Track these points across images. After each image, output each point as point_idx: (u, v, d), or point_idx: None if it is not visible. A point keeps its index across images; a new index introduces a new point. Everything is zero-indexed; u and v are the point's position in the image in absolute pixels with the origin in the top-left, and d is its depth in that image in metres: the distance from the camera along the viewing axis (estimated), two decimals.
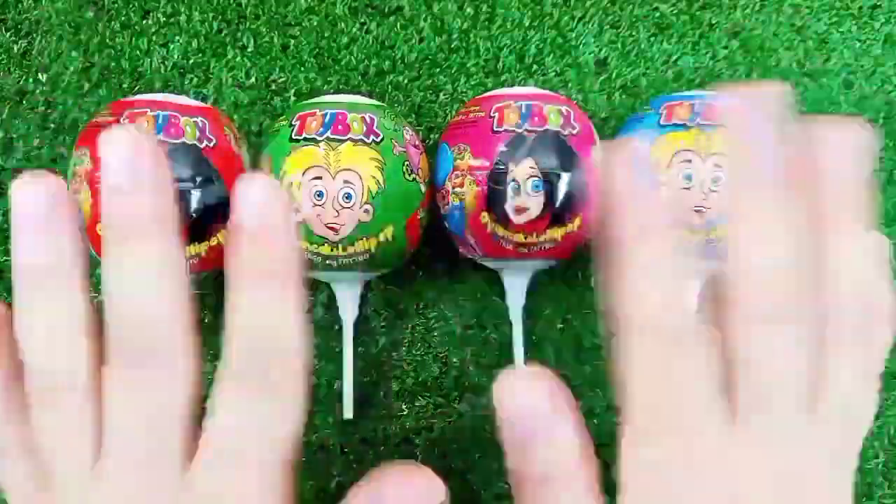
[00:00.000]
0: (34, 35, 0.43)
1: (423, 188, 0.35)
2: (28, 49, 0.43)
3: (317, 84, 0.43)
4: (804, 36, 0.45)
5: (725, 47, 0.44)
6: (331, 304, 0.39)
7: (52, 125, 0.41)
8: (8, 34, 0.43)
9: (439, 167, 0.36)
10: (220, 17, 0.44)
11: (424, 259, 0.40)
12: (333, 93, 0.43)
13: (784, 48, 0.45)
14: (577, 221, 0.34)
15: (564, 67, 0.44)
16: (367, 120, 0.33)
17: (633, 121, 0.37)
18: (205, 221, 0.33)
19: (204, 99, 0.42)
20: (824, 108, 0.43)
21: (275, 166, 0.34)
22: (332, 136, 0.33)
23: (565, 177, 0.33)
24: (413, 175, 0.34)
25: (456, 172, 0.34)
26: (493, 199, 0.33)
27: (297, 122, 0.34)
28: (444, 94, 0.43)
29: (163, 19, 0.44)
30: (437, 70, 0.43)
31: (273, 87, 0.43)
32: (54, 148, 0.41)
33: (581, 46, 0.44)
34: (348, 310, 0.37)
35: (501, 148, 0.33)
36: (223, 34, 0.43)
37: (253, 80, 0.43)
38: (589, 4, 0.45)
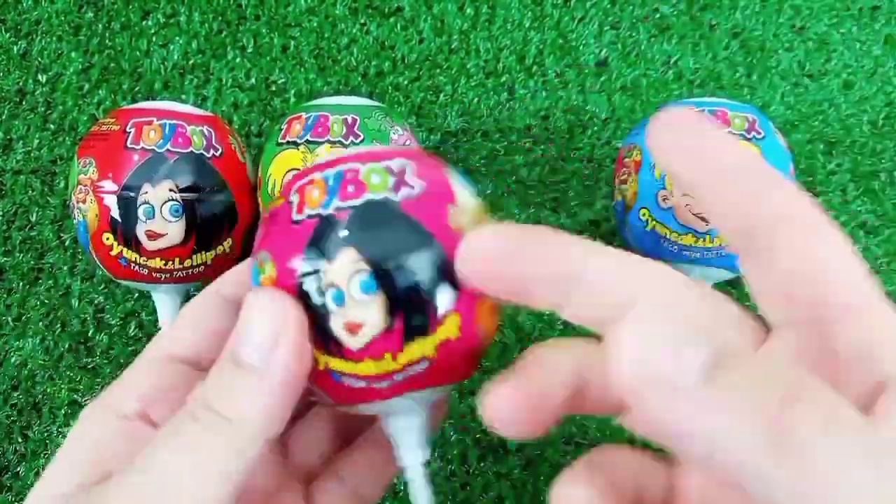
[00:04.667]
0: (34, 35, 0.43)
1: None
2: (28, 49, 0.43)
3: (317, 85, 0.43)
4: (804, 36, 0.45)
5: (726, 48, 0.44)
6: None
7: (52, 125, 0.41)
8: (8, 34, 0.43)
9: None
10: (220, 17, 0.44)
11: None
12: (334, 94, 0.43)
13: (784, 49, 0.45)
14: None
15: (564, 68, 0.44)
16: (349, 121, 0.33)
17: (640, 127, 0.37)
18: (212, 231, 0.33)
19: (204, 99, 0.42)
20: (824, 109, 0.43)
21: (263, 169, 0.34)
22: (310, 139, 0.33)
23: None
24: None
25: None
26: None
27: (285, 126, 0.34)
28: (444, 95, 0.43)
29: (163, 20, 0.44)
30: (438, 70, 0.43)
31: (273, 87, 0.43)
32: (54, 148, 0.41)
33: (581, 47, 0.44)
34: None
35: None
36: (223, 35, 0.43)
37: (253, 80, 0.43)
38: (589, 5, 0.45)
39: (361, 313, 0.18)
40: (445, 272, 0.18)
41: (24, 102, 0.42)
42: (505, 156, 0.42)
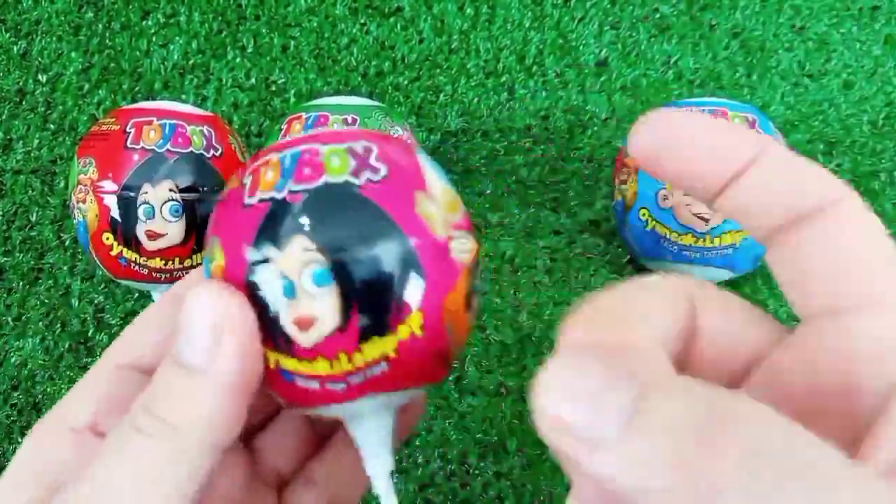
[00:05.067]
0: (34, 35, 0.43)
1: None
2: (28, 49, 0.43)
3: (317, 85, 0.43)
4: (804, 37, 0.45)
5: (726, 48, 0.44)
6: None
7: (52, 125, 0.41)
8: (8, 34, 0.43)
9: None
10: (220, 17, 0.44)
11: None
12: (334, 94, 0.43)
13: (784, 49, 0.45)
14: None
15: (564, 68, 0.44)
16: (349, 121, 0.33)
17: None
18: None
19: (204, 100, 0.42)
20: (824, 109, 0.43)
21: None
22: None
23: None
24: None
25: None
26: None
27: (285, 126, 0.34)
28: (444, 95, 0.43)
29: (163, 20, 0.44)
30: (438, 70, 0.43)
31: (273, 87, 0.43)
32: (54, 148, 0.41)
33: (581, 47, 0.44)
34: None
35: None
36: (223, 35, 0.43)
37: (253, 80, 0.43)
38: (589, 5, 0.45)
39: (313, 308, 0.16)
40: (409, 265, 0.17)
41: (24, 102, 0.42)
42: (505, 156, 0.42)
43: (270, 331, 0.17)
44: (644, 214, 0.35)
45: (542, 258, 0.40)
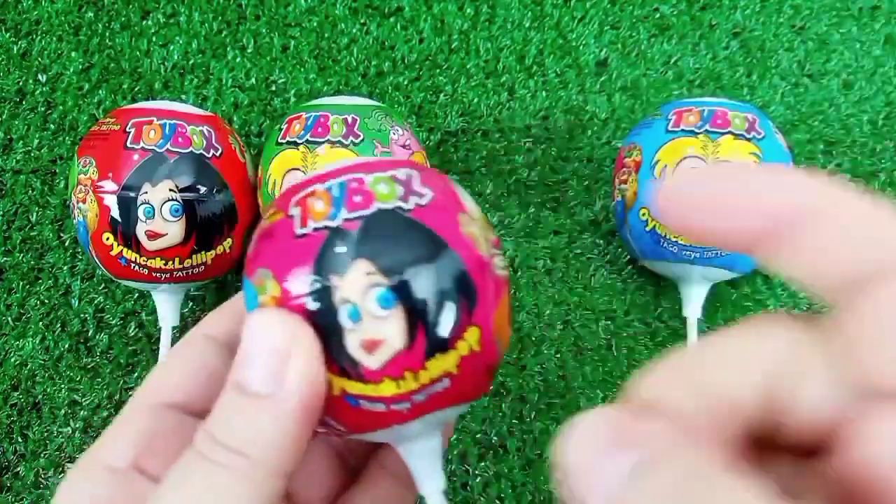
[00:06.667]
0: (34, 35, 0.43)
1: None
2: (28, 49, 0.43)
3: (317, 85, 0.43)
4: (804, 37, 0.45)
5: (726, 48, 0.44)
6: None
7: (52, 125, 0.41)
8: (8, 34, 0.43)
9: None
10: (220, 17, 0.44)
11: None
12: (334, 94, 0.43)
13: (784, 49, 0.45)
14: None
15: (564, 68, 0.44)
16: (349, 121, 0.34)
17: (641, 126, 0.37)
18: (211, 231, 0.33)
19: (204, 100, 0.42)
20: (824, 109, 0.43)
21: (263, 169, 0.34)
22: (311, 139, 0.33)
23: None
24: None
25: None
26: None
27: (285, 126, 0.34)
28: (445, 95, 0.43)
29: (163, 20, 0.44)
30: (438, 71, 0.43)
31: (273, 87, 0.43)
32: (54, 148, 0.41)
33: (581, 47, 0.44)
34: None
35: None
36: (223, 35, 0.43)
37: (253, 80, 0.43)
38: (589, 5, 0.45)
39: (380, 329, 0.17)
40: (464, 282, 0.17)
41: (24, 102, 0.42)
42: (505, 156, 0.42)
43: (335, 357, 0.17)
44: (644, 214, 0.35)
45: (542, 258, 0.40)
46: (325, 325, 0.17)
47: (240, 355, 0.16)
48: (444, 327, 0.17)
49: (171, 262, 0.33)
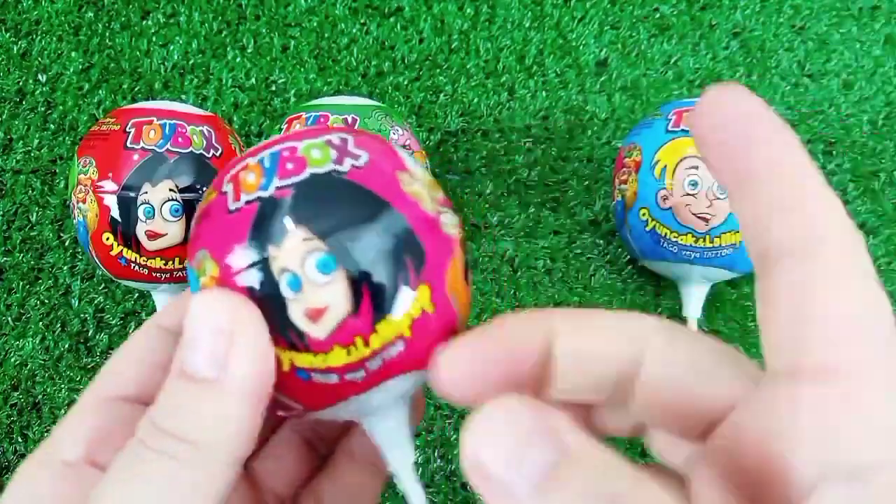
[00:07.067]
0: (34, 35, 0.43)
1: None
2: (28, 49, 0.43)
3: (317, 85, 0.43)
4: (804, 37, 0.45)
5: (726, 48, 0.44)
6: None
7: (52, 125, 0.41)
8: (8, 34, 0.43)
9: None
10: (220, 17, 0.44)
11: None
12: (334, 94, 0.43)
13: (784, 49, 0.45)
14: None
15: (564, 68, 0.44)
16: (349, 121, 0.33)
17: (641, 125, 0.37)
18: None
19: (204, 100, 0.42)
20: (824, 109, 0.43)
21: None
22: None
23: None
24: None
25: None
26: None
27: (285, 126, 0.34)
28: (445, 95, 0.43)
29: (163, 20, 0.44)
30: (438, 70, 0.43)
31: (273, 87, 0.43)
32: (54, 148, 0.41)
33: (581, 47, 0.44)
34: None
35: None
36: (223, 35, 0.43)
37: (253, 80, 0.43)
38: (589, 5, 0.45)
39: (323, 296, 0.16)
40: (408, 240, 0.17)
41: (24, 102, 0.42)
42: (505, 156, 0.42)
43: (280, 330, 0.16)
44: (644, 214, 0.35)
45: (542, 258, 0.40)
46: (268, 298, 0.16)
47: (183, 340, 0.16)
48: (391, 288, 0.16)
49: (171, 262, 0.33)
